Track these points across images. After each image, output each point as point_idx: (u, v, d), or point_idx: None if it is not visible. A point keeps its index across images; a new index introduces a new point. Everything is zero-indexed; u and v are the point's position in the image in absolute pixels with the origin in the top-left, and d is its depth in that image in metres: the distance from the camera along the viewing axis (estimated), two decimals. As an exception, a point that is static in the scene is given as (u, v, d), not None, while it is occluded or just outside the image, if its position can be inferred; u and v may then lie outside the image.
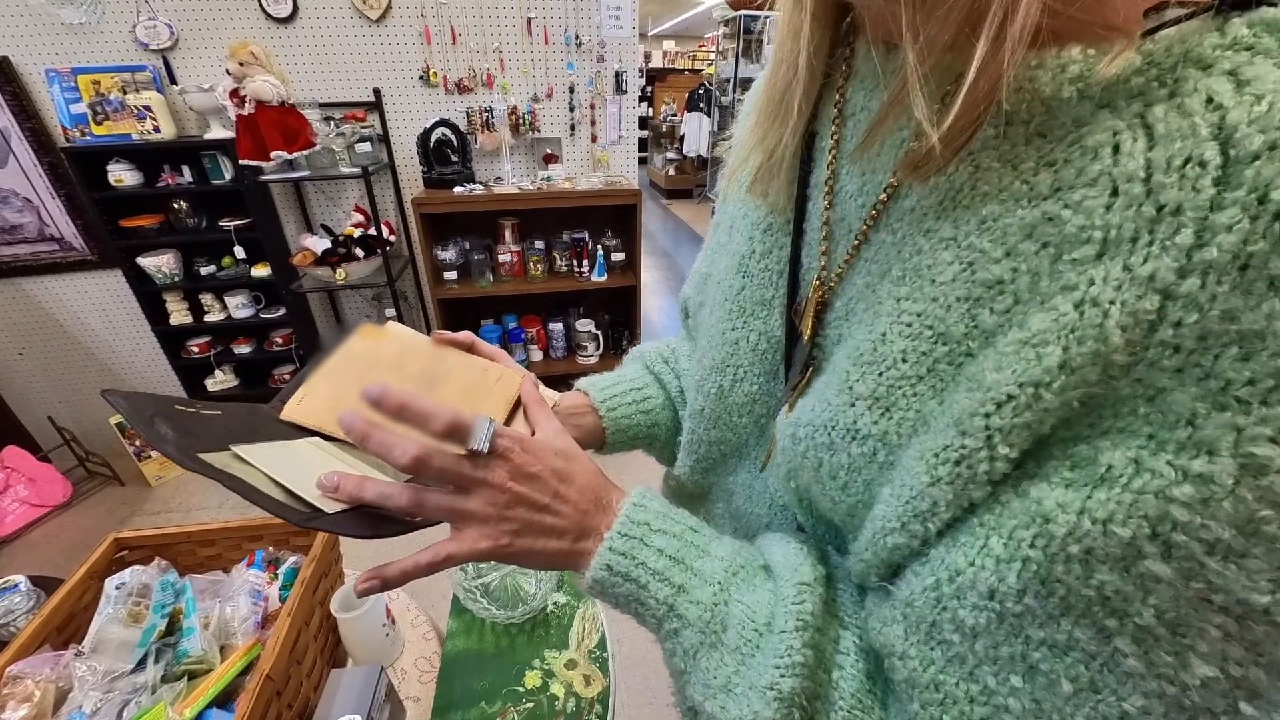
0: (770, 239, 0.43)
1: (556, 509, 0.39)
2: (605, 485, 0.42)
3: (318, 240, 2.25)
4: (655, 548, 0.38)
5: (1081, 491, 0.22)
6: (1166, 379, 0.20)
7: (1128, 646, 0.22)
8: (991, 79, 0.23)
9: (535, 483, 0.38)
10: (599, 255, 2.48)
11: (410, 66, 2.23)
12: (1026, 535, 0.24)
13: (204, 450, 0.37)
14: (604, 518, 0.39)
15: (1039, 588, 0.23)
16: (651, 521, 0.39)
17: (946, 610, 0.27)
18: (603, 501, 0.40)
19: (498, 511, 0.38)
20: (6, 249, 2.26)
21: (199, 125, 2.15)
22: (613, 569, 0.38)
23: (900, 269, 0.31)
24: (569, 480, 0.40)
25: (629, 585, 0.38)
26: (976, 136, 0.26)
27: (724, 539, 0.40)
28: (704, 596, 0.36)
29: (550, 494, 0.39)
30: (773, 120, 0.39)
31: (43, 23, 1.95)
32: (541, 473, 0.39)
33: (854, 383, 0.32)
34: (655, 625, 0.38)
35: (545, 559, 0.39)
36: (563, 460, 0.40)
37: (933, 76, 0.26)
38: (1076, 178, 0.23)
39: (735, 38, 5.24)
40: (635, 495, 0.41)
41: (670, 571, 0.37)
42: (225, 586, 0.90)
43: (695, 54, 10.00)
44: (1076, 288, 0.22)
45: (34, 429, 2.56)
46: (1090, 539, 0.21)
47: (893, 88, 0.28)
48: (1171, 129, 0.21)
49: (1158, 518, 0.20)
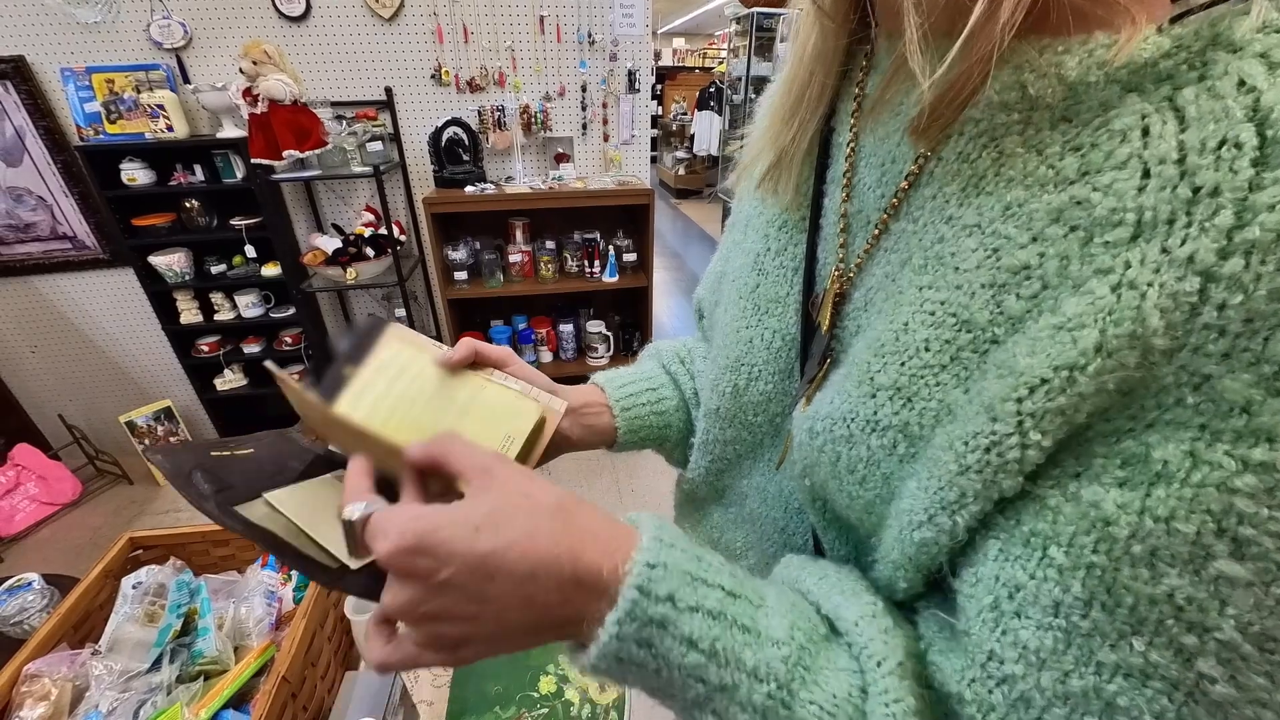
0: (785, 236, 0.43)
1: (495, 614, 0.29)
2: (578, 550, 0.29)
3: (328, 239, 2.25)
4: (683, 637, 0.28)
5: (1139, 490, 0.21)
6: (1213, 365, 0.20)
7: (1213, 669, 0.20)
8: (988, 36, 0.24)
9: (448, 594, 0.28)
10: (610, 256, 2.47)
11: (422, 65, 2.23)
12: (1088, 541, 0.22)
13: (239, 501, 0.39)
14: (588, 598, 0.29)
15: (1105, 597, 0.22)
16: (676, 594, 0.28)
17: (1007, 634, 0.25)
18: (578, 576, 0.28)
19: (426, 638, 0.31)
20: (20, 247, 2.27)
21: (211, 124, 2.15)
22: (624, 660, 0.28)
23: (922, 257, 0.30)
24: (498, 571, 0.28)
25: (645, 675, 0.29)
26: (973, 115, 0.27)
27: (770, 600, 0.32)
28: (756, 699, 0.28)
29: (474, 600, 0.28)
30: (789, 117, 0.39)
31: (58, 22, 1.96)
32: (455, 578, 0.28)
33: (874, 373, 0.31)
34: (681, 710, 0.31)
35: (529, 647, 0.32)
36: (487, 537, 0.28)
37: (936, 42, 0.26)
38: (1105, 161, 0.23)
39: (748, 35, 5.22)
40: (647, 550, 0.29)
41: (705, 670, 0.28)
42: (239, 587, 0.90)
43: (706, 52, 9.99)
44: (1112, 270, 0.22)
45: (44, 427, 2.58)
46: (1154, 538, 0.21)
47: (899, 48, 0.28)
48: (1203, 111, 0.21)
49: (1222, 512, 0.19)
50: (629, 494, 2.44)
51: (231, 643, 0.82)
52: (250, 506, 0.39)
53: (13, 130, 2.07)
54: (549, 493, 0.31)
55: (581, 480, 2.50)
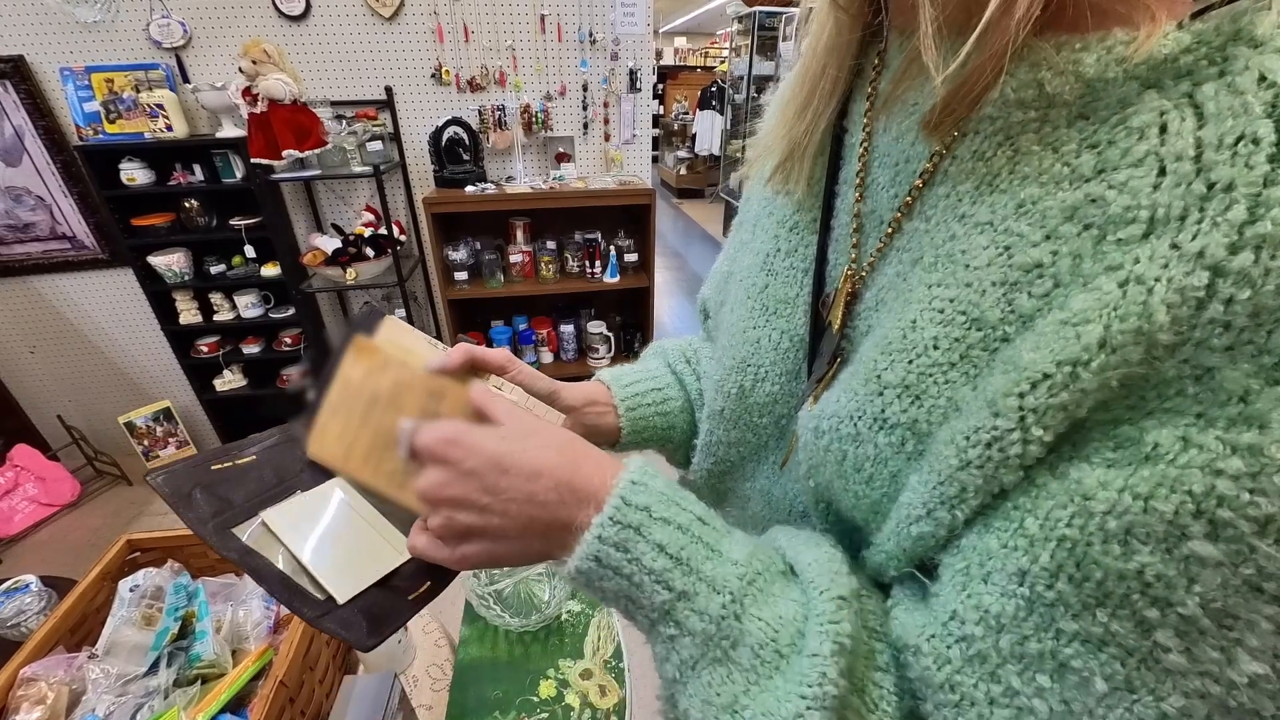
0: (796, 237, 0.43)
1: (501, 507, 0.34)
2: (578, 463, 0.34)
3: (328, 240, 2.24)
4: (654, 541, 0.32)
5: (1125, 470, 0.21)
6: (1216, 358, 0.20)
7: (1170, 640, 0.21)
8: (1003, 30, 0.23)
9: (470, 481, 0.34)
10: (611, 256, 2.46)
11: (422, 64, 2.22)
12: (1064, 514, 0.23)
13: (238, 522, 0.40)
14: (581, 507, 0.33)
15: (1074, 570, 0.22)
16: (653, 506, 0.32)
17: (971, 597, 0.26)
18: (577, 486, 0.33)
19: (443, 523, 0.36)
20: (19, 247, 2.27)
21: (211, 124, 2.15)
22: (602, 561, 0.32)
23: (933, 255, 0.30)
24: (514, 468, 0.33)
25: (619, 581, 0.32)
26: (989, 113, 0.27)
27: (737, 535, 0.35)
28: (711, 607, 0.31)
29: (486, 489, 0.34)
30: (801, 110, 0.39)
31: (57, 21, 1.95)
32: (477, 467, 0.34)
33: (882, 371, 0.31)
34: (646, 626, 0.34)
35: (519, 561, 0.36)
36: (510, 444, 0.34)
37: (950, 38, 0.26)
38: (1121, 158, 0.23)
39: (750, 34, 5.20)
40: (633, 471, 0.34)
41: (670, 574, 0.31)
42: (237, 590, 0.89)
43: (707, 51, 9.98)
44: (1121, 267, 0.22)
45: (43, 427, 2.57)
46: (1131, 515, 0.21)
47: (913, 42, 0.28)
48: (1222, 107, 0.21)
49: (1203, 493, 0.19)
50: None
51: (229, 646, 0.82)
52: (247, 528, 0.40)
53: (12, 130, 2.06)
54: (561, 430, 0.38)
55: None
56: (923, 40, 0.26)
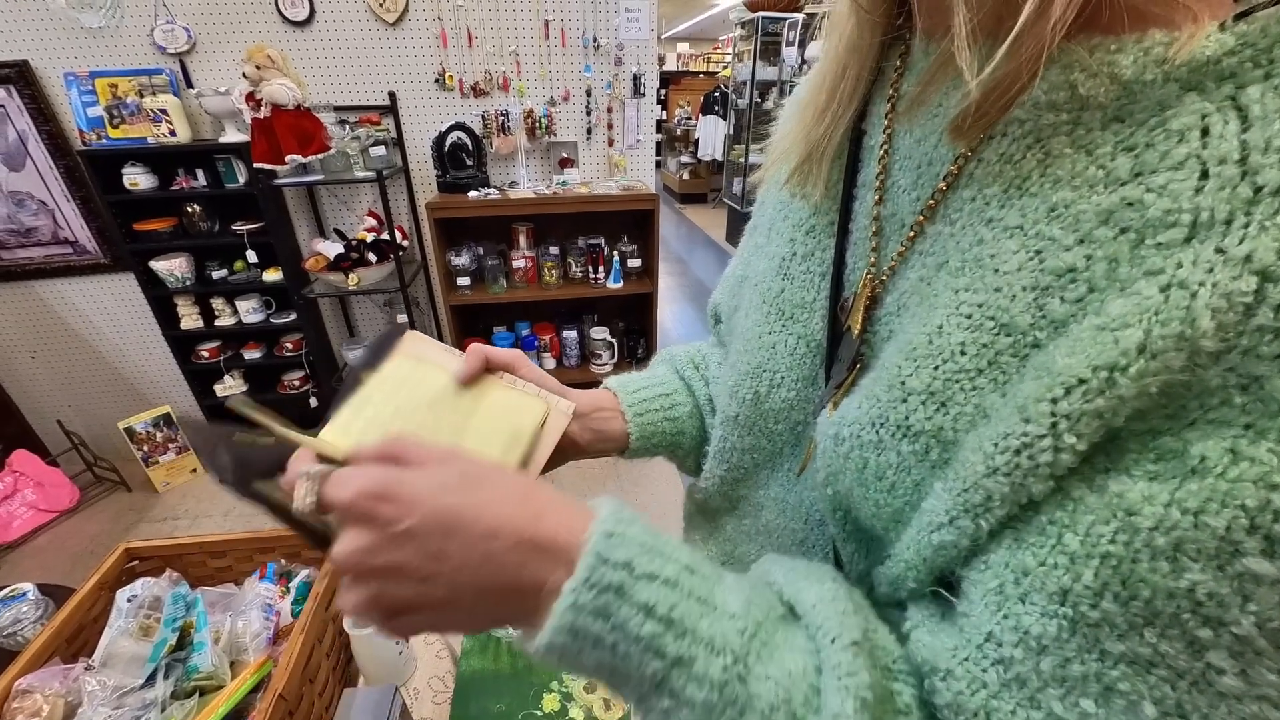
0: (813, 240, 0.42)
1: (449, 574, 0.28)
2: (539, 514, 0.30)
3: (330, 245, 2.24)
4: (639, 603, 0.27)
5: (1170, 483, 0.21)
6: (1265, 366, 0.19)
7: (1224, 661, 0.20)
8: (1039, 35, 0.23)
9: (405, 546, 0.28)
10: (615, 261, 2.45)
11: (426, 70, 2.23)
12: (1107, 530, 0.22)
13: (257, 478, 0.40)
14: (545, 563, 0.28)
15: (1120, 589, 0.21)
16: (635, 561, 0.28)
17: (1009, 618, 0.25)
18: (537, 539, 0.29)
19: (369, 600, 0.30)
20: (21, 251, 2.26)
21: (214, 128, 2.15)
22: (579, 634, 0.27)
23: (959, 260, 0.29)
24: (459, 528, 0.28)
25: (599, 654, 0.28)
26: (1018, 116, 0.26)
27: (728, 579, 0.32)
28: (712, 672, 0.27)
29: (430, 556, 0.28)
30: (821, 111, 0.39)
31: (62, 26, 1.96)
32: (416, 529, 0.28)
33: (906, 377, 0.30)
34: (636, 700, 0.29)
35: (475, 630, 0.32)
36: (455, 494, 0.29)
37: (982, 40, 0.25)
38: (1160, 161, 0.22)
39: (753, 39, 5.19)
40: (606, 520, 0.29)
41: (662, 640, 0.27)
42: (237, 600, 0.87)
43: (710, 56, 10.03)
44: (1162, 271, 0.21)
45: (42, 432, 2.56)
46: (1180, 530, 0.20)
47: (944, 45, 0.27)
48: (1269, 109, 0.20)
49: (1257, 507, 0.18)
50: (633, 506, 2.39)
51: (228, 657, 0.80)
52: (269, 484, 0.40)
53: (15, 135, 2.06)
54: (511, 471, 0.34)
55: (584, 490, 2.47)
56: (957, 44, 0.25)
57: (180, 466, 2.57)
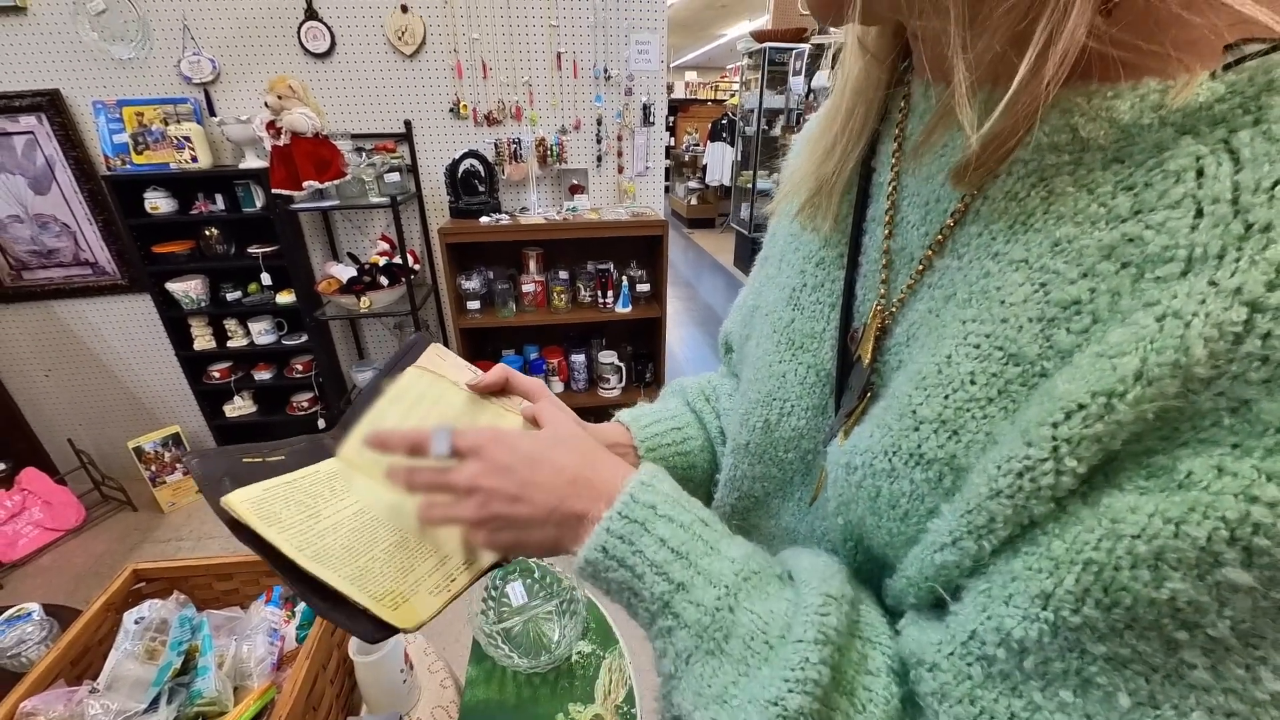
0: (823, 272, 0.43)
1: (529, 497, 0.38)
2: (600, 466, 0.40)
3: (343, 268, 2.27)
4: (657, 536, 0.35)
5: (1157, 496, 0.22)
6: (1254, 390, 0.20)
7: (1196, 658, 0.21)
8: (1034, 91, 0.25)
9: (505, 475, 0.39)
10: (624, 286, 2.47)
11: (441, 99, 2.28)
12: (1091, 537, 0.23)
13: None
14: (595, 502, 0.37)
15: (1101, 595, 0.22)
16: (658, 505, 0.36)
17: (992, 619, 0.26)
18: (594, 483, 0.38)
19: (476, 511, 0.40)
20: (42, 272, 2.31)
21: (234, 155, 2.20)
22: (608, 552, 0.35)
23: (966, 292, 0.31)
24: (544, 464, 0.39)
25: (623, 572, 0.35)
26: (1022, 156, 0.28)
27: (739, 540, 0.37)
28: (706, 599, 0.33)
29: (519, 483, 0.39)
30: (830, 148, 0.41)
31: (94, 58, 2.03)
32: (513, 463, 0.39)
33: (917, 406, 0.31)
34: (647, 620, 0.36)
35: (540, 548, 0.40)
36: (543, 444, 0.41)
37: (980, 89, 0.27)
38: (1158, 200, 0.24)
39: (760, 69, 5.31)
40: (644, 473, 0.38)
41: (670, 566, 0.34)
42: (242, 624, 0.87)
43: (717, 84, 10.23)
44: (1158, 303, 0.22)
45: (53, 451, 2.57)
46: (1161, 540, 0.21)
47: (944, 97, 0.29)
48: (1258, 153, 0.21)
49: (1237, 519, 0.19)
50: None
51: (231, 683, 0.79)
52: None
53: (44, 160, 2.12)
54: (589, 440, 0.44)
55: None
56: (957, 100, 0.27)
57: (186, 487, 2.58)
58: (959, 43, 0.26)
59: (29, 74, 2.03)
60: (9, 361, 2.45)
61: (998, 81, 0.26)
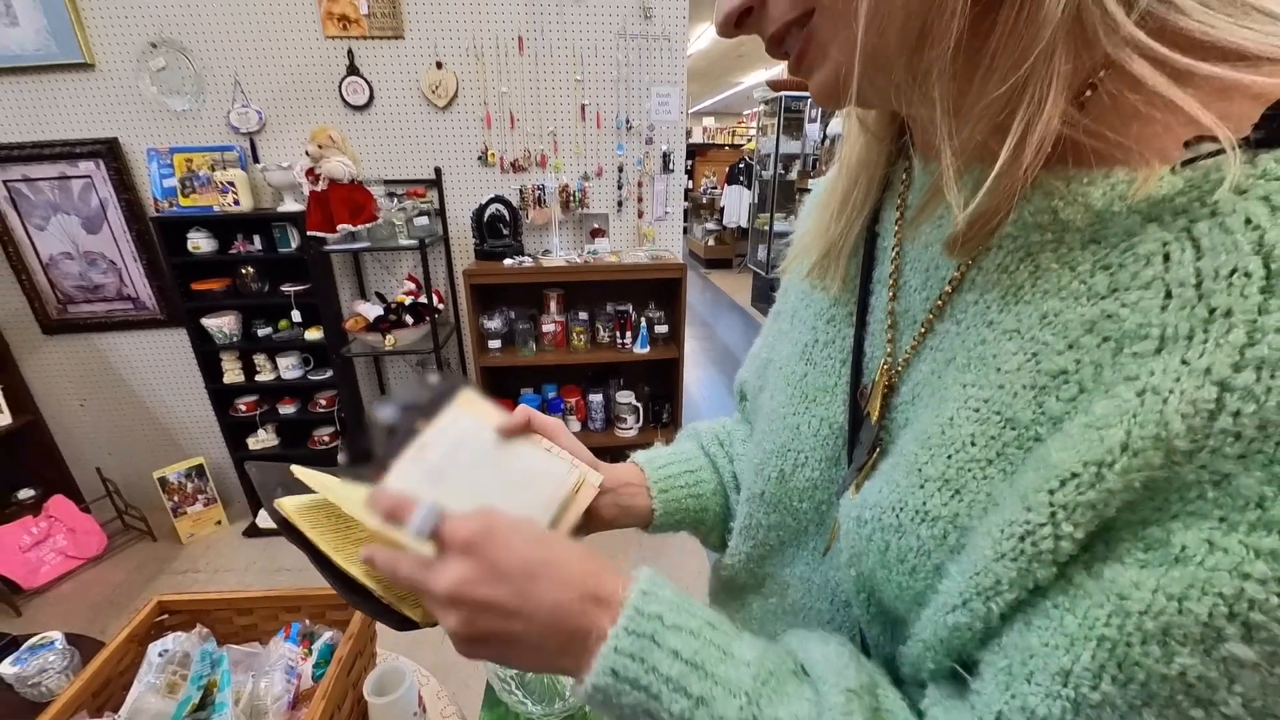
0: (833, 329, 0.45)
1: (529, 613, 0.34)
2: (599, 574, 0.36)
3: (370, 306, 2.34)
4: (670, 649, 0.32)
5: (1156, 571, 0.23)
6: (1231, 465, 0.22)
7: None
8: (1013, 176, 0.27)
9: (500, 584, 0.34)
10: (642, 327, 2.51)
11: (470, 148, 2.39)
12: (1101, 613, 0.24)
13: None
14: (601, 613, 0.34)
15: (1116, 671, 0.23)
16: (665, 615, 0.33)
17: (1016, 698, 0.27)
18: (598, 594, 0.34)
19: (460, 626, 0.35)
20: (86, 306, 2.42)
21: (274, 199, 2.32)
22: (619, 674, 0.32)
23: (965, 357, 0.32)
24: (542, 576, 0.34)
25: (638, 695, 0.32)
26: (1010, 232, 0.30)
27: (746, 637, 0.36)
28: (729, 712, 0.31)
29: (515, 594, 0.34)
30: (836, 216, 0.43)
31: (152, 109, 2.18)
32: (510, 569, 0.34)
33: (922, 465, 0.32)
34: None
35: (531, 668, 0.37)
36: (541, 549, 0.36)
37: (967, 174, 0.29)
38: (1131, 280, 0.25)
39: (776, 115, 5.48)
40: (643, 581, 0.35)
41: (688, 680, 0.32)
42: (260, 660, 0.87)
43: (735, 130, 10.52)
44: (1138, 378, 0.24)
45: (80, 478, 2.63)
46: (1167, 616, 0.22)
47: (934, 178, 0.31)
48: (1216, 243, 0.23)
49: (1233, 596, 0.21)
50: (653, 571, 2.33)
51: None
52: None
53: (98, 202, 2.25)
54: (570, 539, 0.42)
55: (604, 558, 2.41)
56: (945, 181, 0.29)
57: (205, 518, 2.61)
58: (945, 130, 0.28)
59: (92, 123, 2.19)
60: (47, 391, 2.54)
61: (984, 161, 0.28)
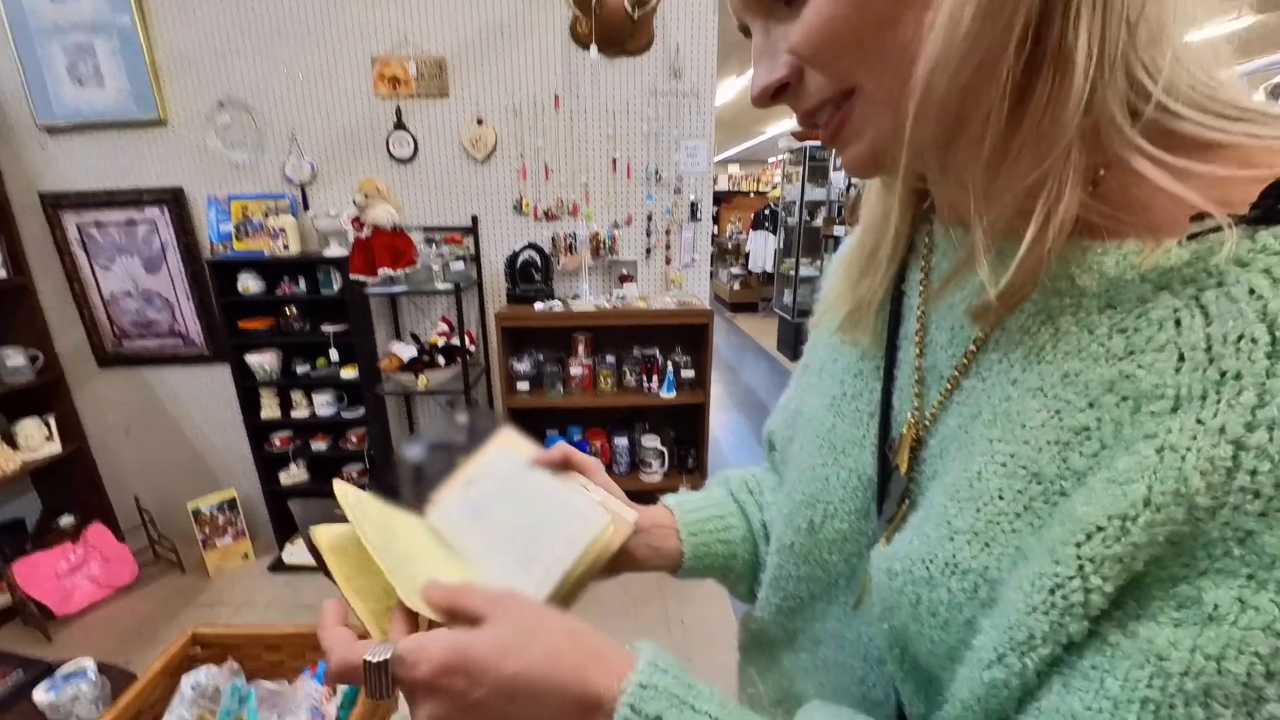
0: (861, 382, 0.46)
1: None
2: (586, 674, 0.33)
3: (405, 347, 2.41)
4: None
5: (1192, 630, 0.23)
6: (1253, 522, 0.22)
7: None
8: (1037, 255, 0.29)
9: (475, 715, 0.32)
10: (669, 371, 2.53)
11: (506, 197, 2.50)
12: (1142, 675, 0.24)
13: None
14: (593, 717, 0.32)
15: None
16: (665, 714, 0.31)
17: None
18: (584, 698, 0.32)
19: None
20: (139, 341, 2.55)
21: (320, 243, 2.44)
22: None
23: (990, 413, 0.33)
24: (521, 694, 0.32)
25: None
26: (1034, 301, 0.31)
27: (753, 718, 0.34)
28: None
29: None
30: (863, 274, 0.45)
31: (214, 161, 2.35)
32: (485, 699, 0.32)
33: (951, 517, 0.33)
34: None
35: None
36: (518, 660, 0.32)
37: (994, 249, 0.30)
38: (1146, 343, 0.26)
39: (801, 164, 5.60)
40: (641, 673, 0.32)
41: None
42: (286, 698, 0.88)
43: (760, 177, 10.78)
44: (1156, 435, 0.25)
45: (118, 506, 2.70)
46: (1206, 676, 0.22)
47: (962, 253, 0.32)
48: (1223, 310, 0.24)
49: (1269, 654, 0.21)
50: (678, 624, 2.27)
51: (270, 761, 0.79)
52: None
53: (159, 245, 2.41)
54: (558, 618, 0.36)
55: (629, 608, 2.36)
56: (977, 260, 0.31)
57: (233, 552, 2.64)
58: (977, 212, 0.30)
59: (160, 173, 2.36)
60: (96, 421, 2.65)
61: (1009, 237, 0.30)
